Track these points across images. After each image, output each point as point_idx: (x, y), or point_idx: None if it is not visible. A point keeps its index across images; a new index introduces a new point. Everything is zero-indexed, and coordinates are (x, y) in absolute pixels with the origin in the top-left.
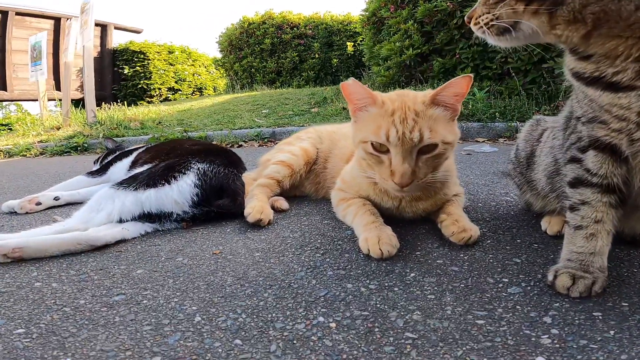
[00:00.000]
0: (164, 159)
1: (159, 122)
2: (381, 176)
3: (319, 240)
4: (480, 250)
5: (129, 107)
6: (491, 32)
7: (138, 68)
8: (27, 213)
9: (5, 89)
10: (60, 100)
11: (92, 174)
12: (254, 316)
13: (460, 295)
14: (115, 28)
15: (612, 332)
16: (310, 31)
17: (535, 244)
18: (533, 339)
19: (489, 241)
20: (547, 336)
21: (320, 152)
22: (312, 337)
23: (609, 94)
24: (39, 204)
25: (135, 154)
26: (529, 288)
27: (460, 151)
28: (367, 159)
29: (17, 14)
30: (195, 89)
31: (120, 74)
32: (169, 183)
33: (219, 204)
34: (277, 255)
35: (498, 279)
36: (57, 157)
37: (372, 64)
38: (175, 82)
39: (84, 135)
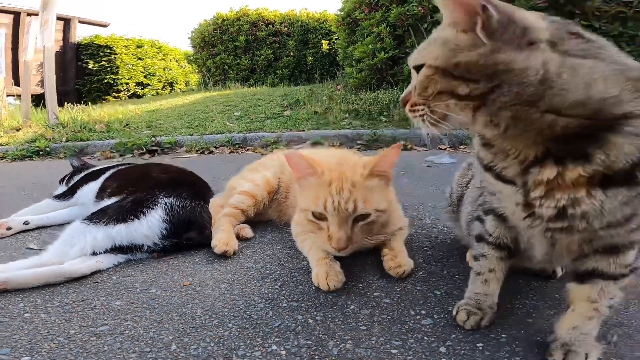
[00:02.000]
0: (132, 191)
1: (127, 124)
2: (321, 240)
3: (278, 272)
4: (411, 282)
5: (94, 107)
6: (426, 123)
7: (104, 62)
8: None
9: None
10: (19, 95)
11: (59, 197)
12: (220, 345)
13: (386, 327)
14: (80, 22)
15: None
16: (285, 29)
17: (457, 276)
18: None
19: (420, 273)
20: None
21: (281, 182)
22: None
23: (499, 182)
24: (9, 228)
25: (102, 179)
26: (439, 320)
27: (421, 162)
28: (309, 224)
29: None
30: (166, 84)
31: (85, 68)
32: (137, 218)
33: (188, 236)
34: (241, 287)
35: (418, 310)
36: (18, 162)
37: (345, 64)
38: (145, 77)
39: (46, 139)
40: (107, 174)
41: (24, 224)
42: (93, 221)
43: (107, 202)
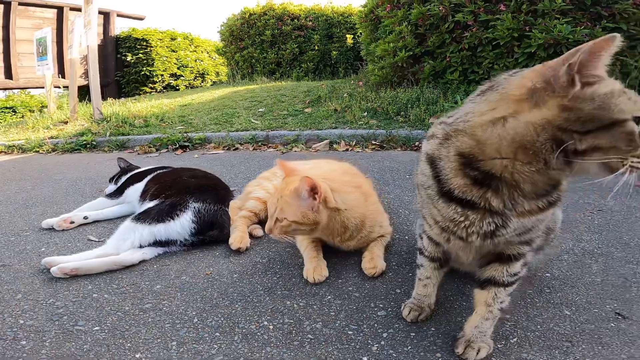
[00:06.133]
0: (168, 195)
1: (162, 119)
2: None
3: (278, 266)
4: (381, 280)
5: (133, 100)
6: None
7: (141, 55)
8: (63, 230)
9: (11, 77)
10: (64, 87)
11: (110, 196)
12: (228, 319)
13: (350, 314)
14: (118, 15)
15: (409, 347)
16: (310, 23)
17: None
18: (369, 346)
19: (390, 274)
20: (377, 345)
21: None
22: (257, 333)
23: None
24: (72, 222)
25: (144, 181)
26: (390, 312)
27: None
28: None
29: (20, 4)
30: (198, 75)
31: (123, 60)
32: (173, 219)
33: (211, 234)
34: (248, 277)
35: (377, 304)
36: (67, 155)
37: (368, 60)
38: (178, 68)
39: (92, 133)
40: (149, 178)
41: (83, 218)
42: (140, 220)
43: (150, 204)
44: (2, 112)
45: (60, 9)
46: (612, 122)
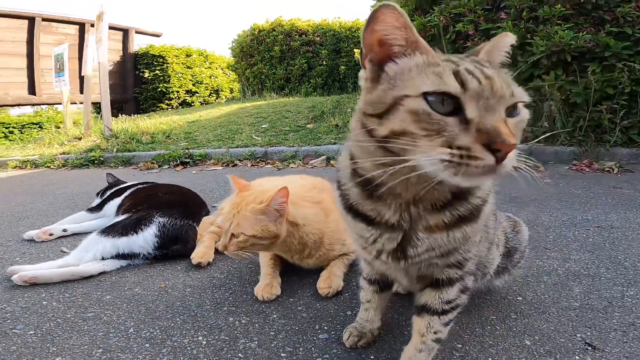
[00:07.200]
0: (138, 210)
1: (168, 136)
2: None
3: (234, 282)
4: (334, 301)
5: (144, 118)
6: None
7: (157, 72)
8: (42, 241)
9: (34, 93)
10: (82, 103)
11: (91, 210)
12: (163, 331)
13: (290, 335)
14: (136, 32)
15: None
16: (318, 38)
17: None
18: None
19: (347, 294)
20: None
21: None
22: (188, 347)
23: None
24: (51, 234)
25: (123, 196)
26: (333, 335)
27: None
28: None
29: (44, 20)
30: (212, 91)
31: (141, 77)
32: (136, 233)
33: (174, 249)
34: (200, 292)
35: (322, 326)
36: (76, 170)
37: None
38: (193, 85)
39: (101, 149)
40: (127, 193)
41: (62, 231)
42: (104, 234)
43: (120, 217)
44: (29, 127)
45: (82, 25)
46: (394, 102)
